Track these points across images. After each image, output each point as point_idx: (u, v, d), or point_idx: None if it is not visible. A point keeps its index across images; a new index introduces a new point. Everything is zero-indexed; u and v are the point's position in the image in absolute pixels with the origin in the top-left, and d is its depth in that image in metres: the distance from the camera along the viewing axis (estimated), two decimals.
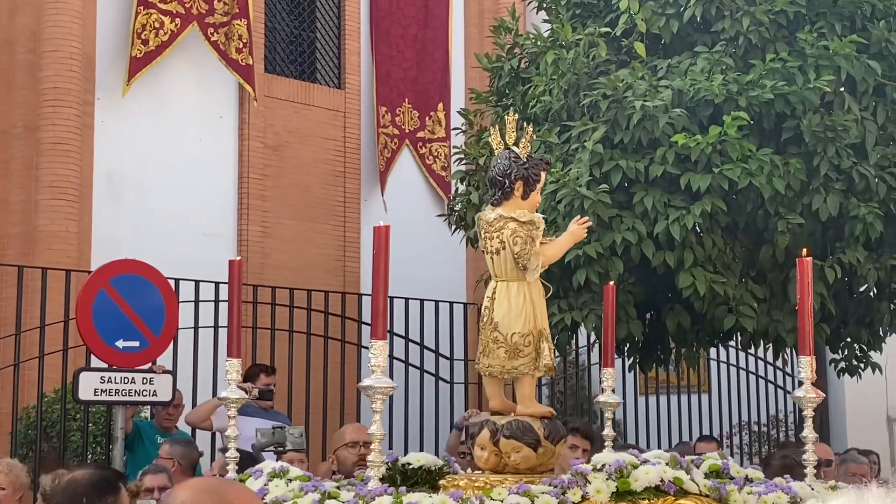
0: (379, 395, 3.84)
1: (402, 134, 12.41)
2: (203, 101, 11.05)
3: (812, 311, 4.60)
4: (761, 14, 7.57)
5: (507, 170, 4.45)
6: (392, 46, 12.42)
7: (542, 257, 4.46)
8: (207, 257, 10.53)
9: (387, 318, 3.99)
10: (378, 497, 3.74)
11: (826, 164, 7.42)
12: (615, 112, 7.47)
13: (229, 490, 2.61)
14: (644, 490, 3.92)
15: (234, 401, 4.55)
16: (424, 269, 11.95)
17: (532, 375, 4.46)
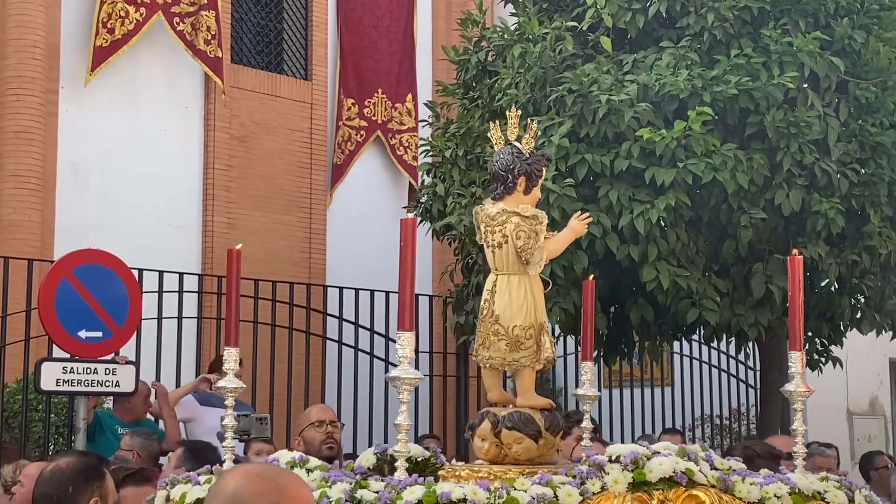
0: (406, 385, 3.92)
1: (373, 125, 12.38)
2: (168, 90, 10.98)
3: (802, 307, 4.68)
4: (726, 10, 7.62)
5: (510, 165, 4.49)
6: (364, 37, 12.38)
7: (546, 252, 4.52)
8: (172, 248, 10.50)
9: (413, 311, 4.05)
10: (410, 487, 3.78)
11: (789, 159, 7.49)
12: (581, 106, 7.50)
13: (282, 476, 2.59)
14: (659, 481, 3.99)
15: (231, 390, 4.57)
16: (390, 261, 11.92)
17: (532, 367, 4.53)
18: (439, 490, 3.73)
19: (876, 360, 13.05)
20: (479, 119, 8.60)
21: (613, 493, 3.92)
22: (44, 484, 3.78)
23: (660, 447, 4.13)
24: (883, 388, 13.46)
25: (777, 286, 7.60)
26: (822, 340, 8.81)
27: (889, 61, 7.69)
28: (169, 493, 4.44)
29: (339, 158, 12.16)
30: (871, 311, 8.43)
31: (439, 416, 11.23)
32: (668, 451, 4.07)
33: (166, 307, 9.27)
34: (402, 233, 4.07)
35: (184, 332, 9.45)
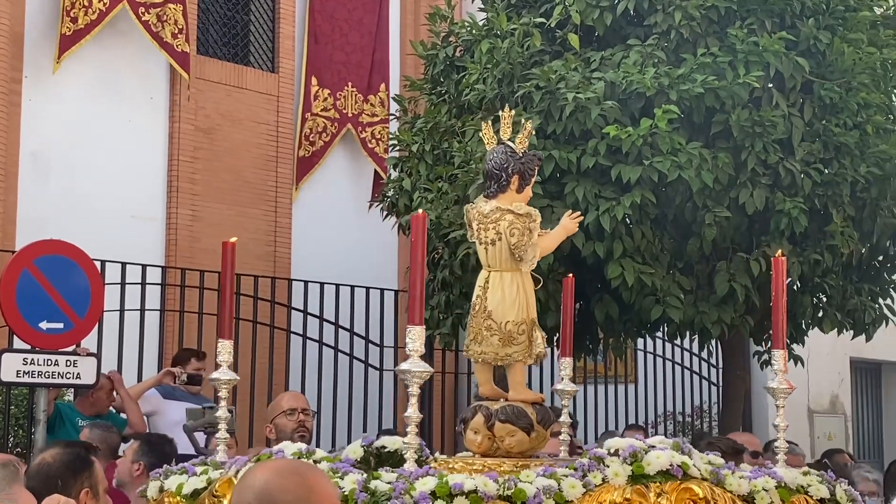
0: (416, 378, 3.98)
1: (344, 118, 12.32)
2: (133, 81, 10.90)
3: (785, 308, 4.81)
4: (693, 9, 7.66)
5: (504, 163, 4.58)
6: (336, 29, 12.32)
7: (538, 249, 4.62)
8: (135, 239, 10.43)
9: (423, 305, 4.07)
10: (422, 478, 3.85)
11: (753, 158, 7.53)
12: (548, 103, 7.50)
13: (309, 471, 2.62)
14: (656, 474, 4.09)
15: (224, 382, 4.63)
16: (356, 255, 11.93)
17: (524, 362, 4.64)
18: (452, 481, 3.79)
19: (837, 359, 13.17)
20: (447, 114, 8.60)
21: (614, 486, 4.02)
22: (32, 479, 3.76)
23: (655, 441, 4.25)
24: (843, 386, 13.58)
25: (740, 284, 7.65)
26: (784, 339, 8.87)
27: (853, 62, 7.75)
28: (163, 483, 4.44)
29: (306, 151, 12.09)
30: (833, 310, 8.49)
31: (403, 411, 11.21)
32: (664, 445, 4.19)
33: (129, 299, 9.22)
34: (414, 228, 4.13)
35: (146, 325, 9.40)
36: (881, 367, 14.67)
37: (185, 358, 8.30)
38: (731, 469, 4.27)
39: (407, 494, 3.76)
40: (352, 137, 12.41)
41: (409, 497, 3.75)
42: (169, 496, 4.38)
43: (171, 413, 7.86)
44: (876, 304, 8.65)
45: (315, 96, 12.15)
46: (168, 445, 5.92)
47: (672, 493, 4.06)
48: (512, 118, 4.75)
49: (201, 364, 8.16)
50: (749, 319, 8.08)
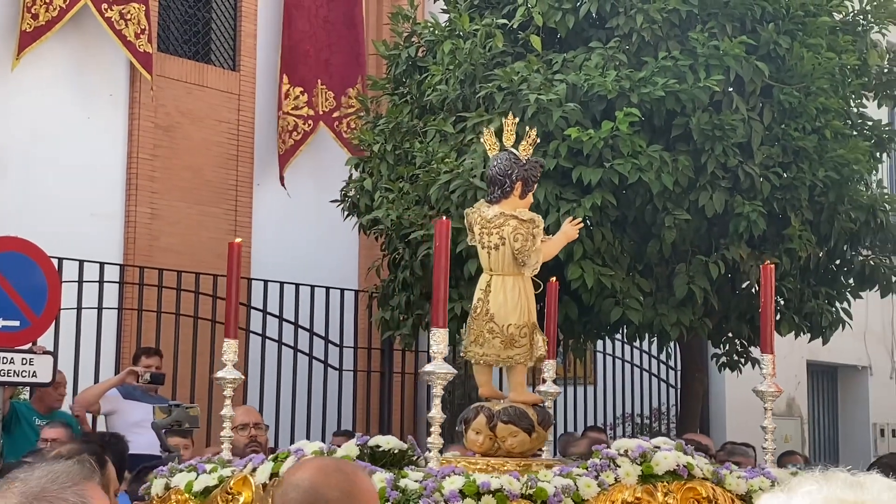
0: (439, 380, 4.10)
1: (317, 115, 12.25)
2: (93, 78, 10.80)
3: (773, 314, 4.97)
4: (655, 12, 7.69)
5: (508, 170, 4.70)
6: (309, 26, 12.24)
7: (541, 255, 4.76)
8: (93, 237, 10.33)
9: (446, 309, 4.22)
10: (448, 476, 3.95)
11: (713, 161, 7.58)
12: (510, 104, 7.51)
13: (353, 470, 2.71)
14: (664, 474, 4.25)
15: (230, 381, 4.67)
16: (316, 255, 11.88)
17: (525, 365, 4.74)
18: (479, 480, 3.92)
19: (794, 362, 13.27)
20: (409, 114, 8.59)
21: (625, 485, 4.19)
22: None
23: (658, 442, 4.42)
24: (800, 389, 13.70)
25: (699, 287, 7.70)
26: (742, 341, 8.94)
27: (812, 67, 7.82)
28: (169, 481, 4.45)
29: (280, 149, 12.01)
30: (791, 313, 8.56)
31: (363, 412, 11.20)
32: (668, 446, 4.37)
33: (86, 297, 9.13)
34: (437, 233, 4.26)
35: (104, 323, 9.32)
36: (837, 371, 14.80)
37: (138, 356, 8.25)
38: (728, 469, 4.43)
39: (437, 492, 3.87)
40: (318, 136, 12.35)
41: (440, 495, 3.86)
42: (176, 493, 4.42)
43: (130, 413, 7.79)
44: (832, 308, 8.73)
45: (286, 94, 12.08)
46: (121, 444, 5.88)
47: (678, 493, 4.24)
48: (515, 126, 4.86)
49: (151, 361, 8.10)
50: (707, 322, 8.13)
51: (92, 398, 7.82)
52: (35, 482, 2.20)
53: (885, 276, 8.74)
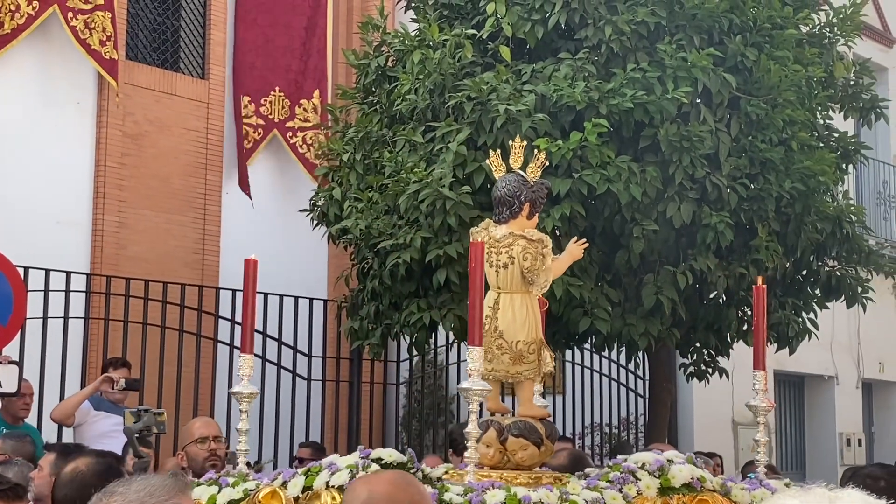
0: (475, 396, 4.21)
1: (270, 124, 12.22)
2: (60, 85, 10.72)
3: (765, 330, 5.10)
4: (623, 24, 7.73)
5: (516, 191, 4.85)
6: (259, 35, 12.22)
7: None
8: (60, 246, 10.25)
9: (482, 327, 4.32)
10: (490, 490, 4.05)
11: (681, 173, 7.62)
12: (479, 114, 7.53)
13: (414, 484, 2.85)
14: (680, 486, 4.42)
15: (245, 396, 4.75)
16: (285, 264, 11.84)
17: (533, 380, 4.89)
18: (520, 494, 4.04)
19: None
20: (378, 124, 8.58)
21: (646, 497, 4.35)
22: (65, 486, 3.79)
23: (670, 455, 4.59)
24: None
25: (667, 297, 7.73)
26: (710, 351, 8.98)
27: (779, 79, 7.88)
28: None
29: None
30: None
31: (331, 422, 11.16)
32: (680, 459, 4.54)
33: (52, 306, 9.06)
34: (472, 255, 4.40)
35: (70, 333, 9.25)
36: (804, 380, 14.91)
37: (105, 367, 8.19)
38: (733, 481, 4.60)
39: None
40: (281, 144, 12.32)
41: None
42: None
43: (98, 425, 7.74)
44: (799, 318, 8.79)
45: (241, 102, 12.06)
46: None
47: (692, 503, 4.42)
48: (523, 148, 5.01)
49: (119, 373, 8.04)
50: (675, 332, 8.16)
51: (71, 408, 7.74)
52: (134, 495, 2.29)
53: (851, 287, 8.81)
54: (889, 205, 16.23)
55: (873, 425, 16.06)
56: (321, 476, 4.27)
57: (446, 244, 7.46)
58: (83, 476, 3.77)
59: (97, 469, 3.79)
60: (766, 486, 4.61)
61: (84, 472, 3.78)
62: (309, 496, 4.29)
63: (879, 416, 16.10)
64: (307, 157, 12.31)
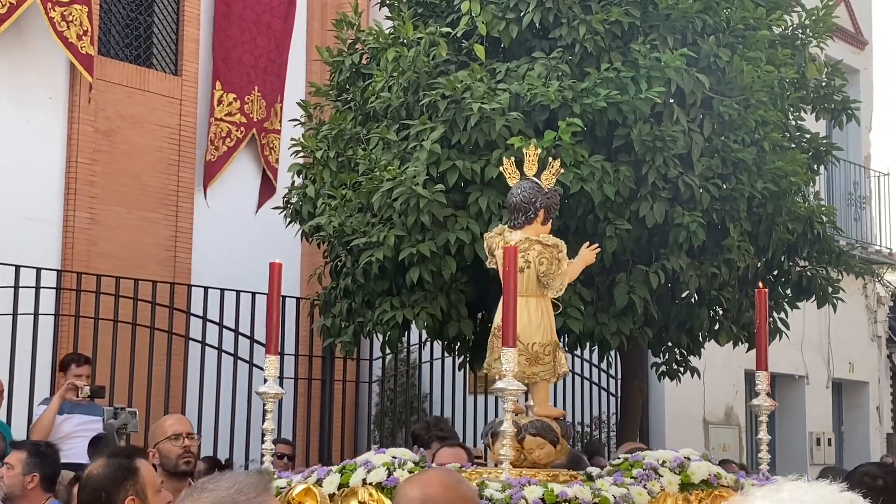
0: (510, 396, 4.31)
1: (251, 122, 12.18)
2: (32, 81, 10.65)
3: (767, 335, 5.26)
4: (597, 23, 7.74)
5: (532, 198, 5.04)
6: (244, 32, 12.18)
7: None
8: (30, 242, 10.18)
9: (515, 330, 4.43)
10: (527, 486, 4.17)
11: (654, 172, 7.64)
12: (453, 112, 7.52)
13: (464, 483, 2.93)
14: (700, 482, 4.60)
15: (271, 395, 4.89)
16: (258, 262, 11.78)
17: (548, 381, 5.06)
18: (557, 490, 4.19)
19: (732, 371, 13.42)
20: (352, 121, 8.56)
21: (669, 493, 4.51)
22: (82, 491, 3.83)
23: (686, 452, 4.74)
24: (738, 398, 13.84)
25: (639, 296, 7.75)
26: (682, 350, 9.01)
27: (752, 80, 7.91)
28: None
29: (211, 155, 11.93)
30: (729, 323, 8.65)
31: (303, 419, 11.13)
32: (696, 456, 4.71)
33: (22, 303, 9.00)
34: (506, 259, 4.51)
35: (40, 330, 9.18)
36: (775, 379, 14.98)
37: (66, 363, 8.14)
38: (743, 478, 4.80)
39: (523, 500, 4.09)
40: (255, 143, 12.29)
41: (525, 502, 4.09)
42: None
43: (62, 427, 7.71)
44: (770, 318, 8.83)
45: (219, 101, 12.00)
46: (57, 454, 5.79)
47: (708, 500, 4.59)
48: (538, 156, 5.20)
49: (82, 370, 8.00)
50: (647, 331, 8.19)
51: (48, 424, 7.66)
52: (224, 492, 2.37)
53: (821, 287, 8.86)
54: (859, 206, 16.35)
55: (843, 425, 16.18)
56: (357, 473, 4.39)
57: (419, 242, 7.45)
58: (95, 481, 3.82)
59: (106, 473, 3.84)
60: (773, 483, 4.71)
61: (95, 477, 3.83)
62: (345, 493, 4.39)
63: (849, 415, 16.22)
64: (269, 160, 12.27)
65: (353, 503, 4.36)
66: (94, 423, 7.64)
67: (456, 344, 8.57)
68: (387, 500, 4.30)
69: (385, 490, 4.32)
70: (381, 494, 4.32)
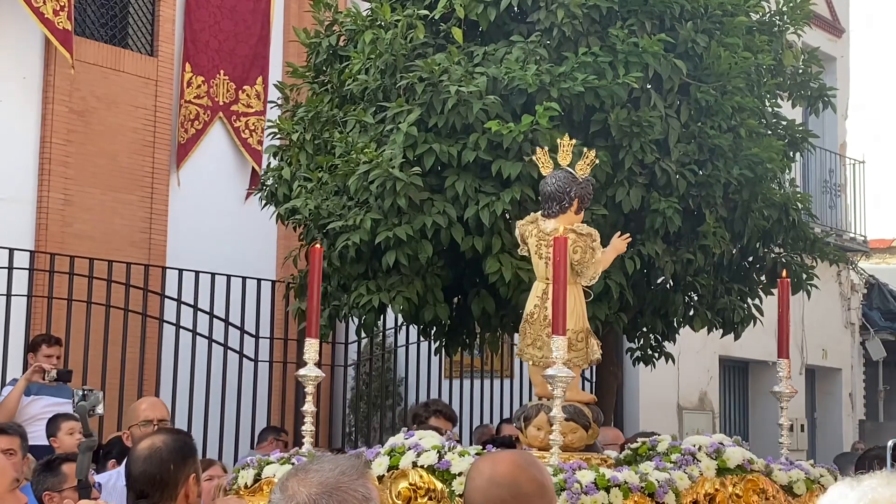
0: (560, 383, 4.44)
1: (216, 106, 12.15)
2: (5, 59, 10.55)
3: (789, 322, 5.44)
4: (575, 7, 7.72)
5: (567, 188, 5.13)
6: (209, 16, 12.12)
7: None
8: (3, 222, 10.11)
9: (565, 317, 4.53)
10: (578, 471, 4.28)
11: (630, 158, 7.64)
12: (431, 95, 7.49)
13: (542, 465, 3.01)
14: (735, 467, 4.76)
15: (312, 378, 4.90)
16: (233, 244, 11.75)
17: (580, 367, 5.13)
18: (608, 475, 4.32)
19: (706, 357, 13.48)
20: (329, 104, 8.52)
21: (707, 478, 4.66)
22: (144, 462, 3.82)
23: (719, 438, 4.91)
24: (712, 384, 13.91)
25: (615, 282, 7.75)
26: (657, 336, 9.03)
27: (729, 66, 7.92)
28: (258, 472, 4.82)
29: (182, 137, 11.88)
30: (704, 309, 8.67)
31: (278, 403, 11.11)
32: (729, 442, 4.88)
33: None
34: (556, 248, 4.56)
35: (12, 311, 9.12)
36: (748, 366, 15.07)
37: (37, 343, 8.09)
38: (771, 463, 4.94)
39: (577, 484, 4.20)
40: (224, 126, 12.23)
41: (579, 486, 4.21)
42: (269, 485, 4.65)
43: (29, 409, 7.66)
44: (745, 304, 8.86)
45: (188, 83, 11.95)
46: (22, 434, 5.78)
47: (741, 484, 4.74)
48: (572, 147, 5.30)
49: (52, 350, 7.95)
50: (623, 316, 8.20)
51: (13, 406, 7.61)
52: (329, 473, 2.44)
53: (796, 274, 8.89)
54: (834, 193, 16.43)
55: (816, 411, 16.28)
56: (407, 456, 4.46)
57: (396, 226, 7.42)
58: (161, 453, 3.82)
59: (174, 447, 3.87)
60: (799, 467, 4.95)
61: (161, 449, 3.84)
62: (394, 475, 4.45)
63: (822, 402, 16.33)
64: (249, 143, 12.24)
65: (403, 484, 4.44)
66: (61, 406, 7.59)
67: (432, 328, 8.57)
68: (438, 482, 4.38)
69: (437, 472, 4.38)
70: (431, 477, 4.38)
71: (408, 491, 4.42)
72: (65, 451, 5.90)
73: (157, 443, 3.87)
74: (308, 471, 2.47)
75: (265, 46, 12.48)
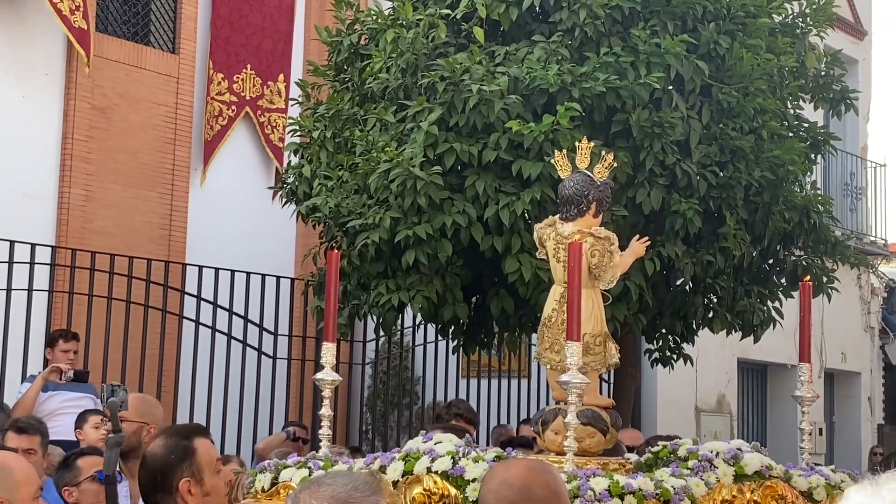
0: (575, 389, 4.39)
1: (242, 101, 12.16)
2: (29, 56, 10.61)
3: (810, 326, 5.35)
4: (598, 8, 7.71)
5: (584, 191, 5.12)
6: (234, 11, 12.15)
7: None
8: (25, 218, 10.16)
9: (580, 322, 4.50)
10: (593, 478, 4.26)
11: (651, 158, 7.62)
12: (452, 95, 7.49)
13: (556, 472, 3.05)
14: (753, 474, 4.69)
15: (328, 382, 4.91)
16: (253, 242, 11.79)
17: (598, 371, 5.15)
18: (622, 482, 4.28)
19: (725, 359, 13.44)
20: (350, 102, 8.53)
21: (724, 484, 4.60)
22: (142, 468, 3.87)
23: (737, 444, 4.87)
24: (730, 386, 13.87)
25: (634, 283, 7.73)
26: (675, 338, 9.01)
27: (751, 67, 7.89)
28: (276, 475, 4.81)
29: (208, 134, 11.93)
30: (723, 311, 8.64)
31: (296, 401, 11.14)
32: (748, 448, 4.82)
33: (16, 279, 8.98)
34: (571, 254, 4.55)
35: (34, 306, 9.17)
36: (767, 368, 15.01)
37: (54, 338, 8.13)
38: (791, 468, 4.87)
39: (590, 492, 4.17)
40: (251, 122, 12.27)
41: (592, 493, 4.17)
42: (286, 489, 4.67)
43: (48, 404, 7.70)
44: (764, 307, 8.83)
45: (211, 79, 11.99)
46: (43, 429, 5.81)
47: (760, 490, 4.69)
48: (590, 150, 5.27)
49: (70, 345, 7.99)
50: (641, 318, 8.18)
51: (31, 404, 7.64)
52: (342, 488, 2.44)
53: (816, 277, 8.86)
54: (856, 196, 16.36)
55: (834, 415, 16.21)
56: (421, 461, 4.43)
57: (416, 225, 7.43)
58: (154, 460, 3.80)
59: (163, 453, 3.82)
60: (819, 473, 4.88)
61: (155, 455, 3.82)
62: (409, 480, 4.43)
63: (841, 406, 16.26)
64: (271, 139, 12.28)
65: (418, 490, 4.40)
66: (80, 400, 7.62)
67: (450, 327, 8.57)
68: (452, 488, 4.35)
69: (450, 478, 4.36)
70: (445, 483, 4.35)
71: (422, 496, 4.40)
72: (88, 443, 5.93)
73: (154, 447, 3.86)
74: (321, 484, 2.48)
75: (288, 44, 12.51)
